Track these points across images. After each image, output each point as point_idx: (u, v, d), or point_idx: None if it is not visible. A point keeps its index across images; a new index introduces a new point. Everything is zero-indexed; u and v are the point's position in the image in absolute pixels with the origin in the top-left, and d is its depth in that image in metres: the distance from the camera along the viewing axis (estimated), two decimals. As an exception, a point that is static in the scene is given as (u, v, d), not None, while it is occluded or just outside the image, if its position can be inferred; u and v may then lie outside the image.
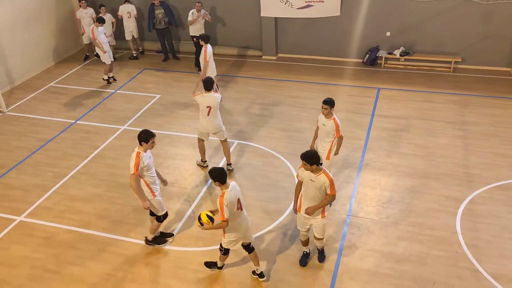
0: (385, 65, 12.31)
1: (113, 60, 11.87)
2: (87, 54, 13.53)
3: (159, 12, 12.56)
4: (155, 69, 12.74)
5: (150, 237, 6.59)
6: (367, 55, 12.34)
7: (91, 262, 6.42)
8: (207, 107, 7.58)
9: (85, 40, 13.23)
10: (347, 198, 7.48)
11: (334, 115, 6.89)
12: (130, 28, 13.16)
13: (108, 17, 12.64)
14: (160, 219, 6.37)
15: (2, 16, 11.36)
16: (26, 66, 12.32)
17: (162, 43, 13.08)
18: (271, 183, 7.90)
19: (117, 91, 11.46)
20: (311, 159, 5.44)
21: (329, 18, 12.13)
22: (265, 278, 6.05)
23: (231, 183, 5.46)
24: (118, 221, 7.16)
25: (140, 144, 5.89)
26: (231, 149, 8.85)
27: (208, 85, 7.57)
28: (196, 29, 12.07)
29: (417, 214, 7.03)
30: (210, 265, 6.18)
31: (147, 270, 6.25)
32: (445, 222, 6.82)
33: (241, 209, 5.56)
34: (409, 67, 12.19)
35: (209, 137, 8.15)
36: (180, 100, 10.89)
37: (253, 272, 6.09)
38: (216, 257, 6.37)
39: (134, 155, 5.86)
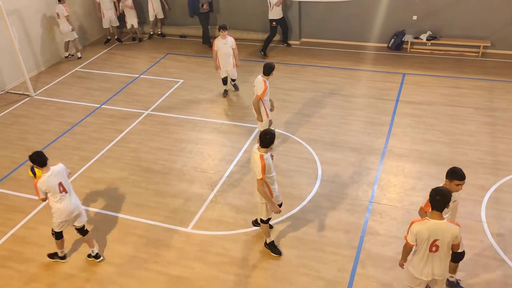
0: (411, 50, 12.02)
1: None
2: (108, 37, 13.67)
3: None
4: (178, 53, 12.78)
5: (268, 240, 6.27)
6: (393, 40, 12.07)
7: (115, 243, 6.56)
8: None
9: (105, 25, 13.35)
10: (370, 184, 7.41)
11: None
12: (155, 10, 13.21)
13: None
14: (263, 221, 6.06)
15: (28, 1, 11.54)
16: (52, 50, 12.52)
17: (206, 28, 12.84)
18: (293, 168, 7.88)
19: (141, 76, 11.56)
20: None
21: (354, 1, 11.87)
22: (102, 258, 6.22)
23: (54, 167, 5.64)
24: (141, 204, 7.28)
25: (264, 146, 5.48)
26: (253, 134, 8.86)
27: (266, 70, 7.51)
28: (276, 12, 11.85)
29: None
30: (52, 256, 6.27)
31: (170, 253, 6.36)
32: (470, 210, 6.69)
33: (65, 192, 5.71)
34: (436, 52, 11.88)
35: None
36: (203, 85, 10.91)
37: (89, 255, 6.24)
38: (237, 241, 6.45)
39: (257, 157, 5.45)
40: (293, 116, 9.40)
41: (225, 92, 10.34)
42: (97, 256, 6.26)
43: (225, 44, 9.48)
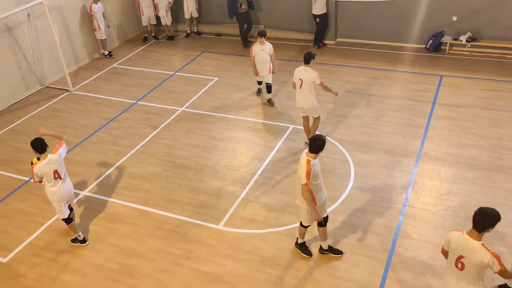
0: (450, 51, 11.71)
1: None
2: (146, 35, 13.93)
3: None
4: (214, 52, 12.89)
5: (324, 245, 6.13)
6: (431, 41, 11.79)
7: (148, 238, 6.69)
8: (300, 79, 7.79)
9: (144, 22, 13.61)
10: (404, 187, 7.27)
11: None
12: (190, 8, 13.41)
13: None
14: (303, 223, 5.99)
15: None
16: (91, 46, 12.86)
17: (242, 28, 12.81)
18: (326, 169, 7.82)
19: (177, 73, 11.72)
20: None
21: (391, 1, 11.68)
22: (87, 243, 6.56)
23: (51, 155, 6.07)
24: (174, 200, 7.40)
25: (313, 152, 5.40)
26: (286, 134, 8.85)
27: (307, 58, 7.74)
28: (319, 7, 11.87)
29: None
30: (73, 241, 6.61)
31: (201, 249, 6.43)
32: (508, 217, 6.47)
33: (60, 178, 6.12)
34: (475, 54, 11.53)
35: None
36: (238, 83, 10.97)
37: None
38: (268, 240, 6.46)
39: (304, 162, 5.37)
40: (326, 116, 9.33)
41: (259, 91, 10.34)
42: (83, 241, 6.64)
43: (262, 51, 9.36)
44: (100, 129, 9.51)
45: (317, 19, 12.03)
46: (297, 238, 6.27)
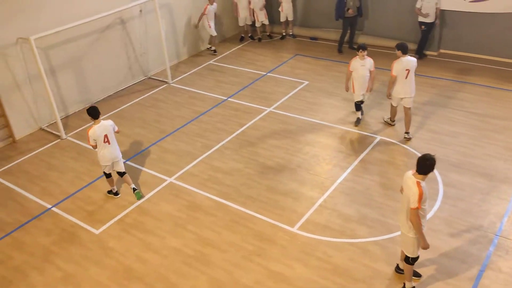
0: None
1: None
2: (242, 35, 14.32)
3: None
4: (307, 55, 12.89)
5: (408, 285, 5.63)
6: (548, 59, 10.70)
7: (224, 230, 6.88)
8: (407, 70, 8.04)
9: (240, 23, 13.99)
10: (499, 216, 6.68)
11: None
12: (285, 11, 13.52)
13: None
14: (409, 260, 5.47)
15: (178, -3, 12.64)
16: (192, 43, 13.54)
17: (344, 34, 12.64)
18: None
19: (268, 74, 11.91)
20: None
21: (505, 14, 10.79)
22: (139, 193, 7.62)
23: (104, 121, 7.15)
24: (252, 197, 7.52)
25: (422, 173, 5.02)
26: (372, 145, 8.58)
27: (403, 48, 8.08)
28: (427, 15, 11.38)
29: None
30: (108, 192, 7.75)
31: (273, 249, 6.47)
32: None
33: (108, 143, 7.17)
34: None
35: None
36: (328, 88, 10.86)
37: (133, 189, 7.64)
38: (341, 250, 6.31)
39: (412, 183, 4.99)
40: (418, 130, 8.88)
41: (358, 121, 9.28)
42: (134, 190, 7.68)
43: (362, 66, 8.73)
44: (191, 121, 9.97)
45: (422, 27, 11.52)
46: (405, 283, 5.64)
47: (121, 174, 7.61)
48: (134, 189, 7.68)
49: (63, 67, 10.23)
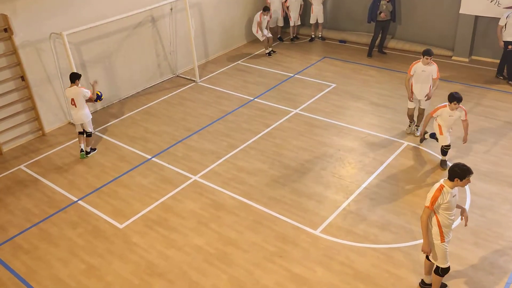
0: None
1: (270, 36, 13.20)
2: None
3: (385, 3, 11.92)
4: (335, 58, 12.79)
5: (428, 280, 5.66)
6: None
7: (247, 230, 6.89)
8: (423, 70, 8.25)
9: (271, 24, 14.01)
10: (528, 228, 6.48)
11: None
12: (316, 13, 13.50)
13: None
14: (439, 271, 5.38)
15: (208, -3, 12.74)
16: (221, 43, 13.62)
17: (375, 38, 12.49)
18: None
19: (295, 76, 11.87)
20: None
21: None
22: (83, 155, 8.79)
23: (77, 88, 8.37)
24: (276, 198, 7.50)
25: (450, 179, 4.96)
26: (399, 150, 8.45)
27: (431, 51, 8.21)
28: (510, 33, 10.36)
29: None
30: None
31: (295, 251, 6.44)
32: None
33: (75, 106, 8.46)
34: None
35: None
36: (355, 92, 10.76)
37: (81, 150, 8.81)
38: (364, 255, 6.23)
39: (435, 186, 5.03)
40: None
41: (444, 164, 7.90)
42: (88, 153, 8.96)
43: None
44: (217, 120, 10.03)
45: (510, 46, 10.36)
46: None
47: (86, 134, 8.84)
48: (81, 150, 8.85)
49: (94, 62, 10.45)
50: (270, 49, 13.31)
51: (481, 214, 6.81)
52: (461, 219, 5.41)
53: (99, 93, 8.93)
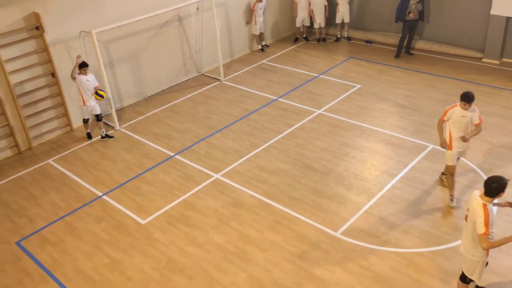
0: None
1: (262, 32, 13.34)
2: (297, 36, 14.27)
3: (414, 2, 11.71)
4: (361, 58, 12.66)
5: None
6: None
7: (267, 230, 6.90)
8: (463, 116, 6.71)
9: (298, 23, 13.96)
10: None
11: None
12: (341, 13, 13.42)
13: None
14: (467, 280, 5.23)
15: (235, -4, 12.80)
16: (246, 42, 13.67)
17: (403, 38, 12.30)
18: (465, 199, 7.14)
19: (320, 76, 11.81)
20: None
21: None
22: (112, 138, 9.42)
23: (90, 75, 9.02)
24: (297, 198, 7.49)
25: (489, 196, 4.69)
26: (424, 153, 8.30)
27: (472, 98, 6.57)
28: None
29: None
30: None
31: (315, 252, 6.42)
32: None
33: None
34: None
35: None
36: (380, 93, 10.63)
37: (101, 137, 9.54)
38: (385, 259, 6.16)
39: (478, 206, 4.65)
40: (475, 141, 8.46)
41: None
42: (108, 136, 9.63)
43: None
44: (240, 119, 10.07)
45: None
46: None
47: (98, 118, 9.56)
48: (107, 135, 9.70)
49: (121, 60, 10.65)
50: (264, 43, 13.55)
51: (511, 222, 6.63)
52: None
53: (101, 92, 9.25)
